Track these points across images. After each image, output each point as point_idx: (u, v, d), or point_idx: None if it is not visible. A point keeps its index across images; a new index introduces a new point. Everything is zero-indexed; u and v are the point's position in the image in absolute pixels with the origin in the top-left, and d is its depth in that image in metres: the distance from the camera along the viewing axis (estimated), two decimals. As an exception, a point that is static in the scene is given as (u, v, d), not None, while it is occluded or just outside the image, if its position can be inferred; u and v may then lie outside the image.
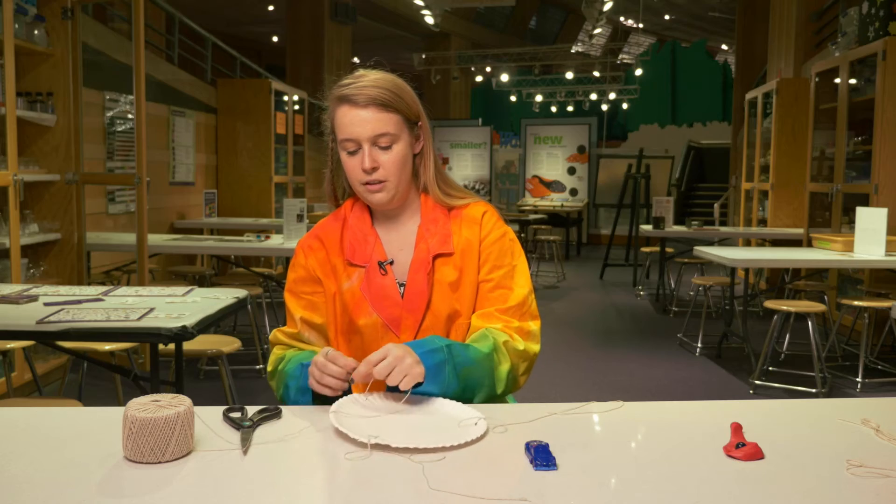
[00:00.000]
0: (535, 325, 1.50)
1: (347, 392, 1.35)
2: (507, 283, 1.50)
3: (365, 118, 1.42)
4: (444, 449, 1.12)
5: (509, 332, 1.46)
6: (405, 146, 1.47)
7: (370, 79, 1.44)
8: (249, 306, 3.12)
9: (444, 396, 1.33)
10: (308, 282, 1.54)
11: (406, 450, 1.11)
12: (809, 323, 4.23)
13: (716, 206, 10.74)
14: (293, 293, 1.55)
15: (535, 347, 1.49)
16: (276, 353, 1.53)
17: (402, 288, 1.50)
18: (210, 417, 1.24)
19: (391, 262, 1.51)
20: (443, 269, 1.50)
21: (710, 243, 7.05)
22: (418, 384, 1.30)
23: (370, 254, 1.51)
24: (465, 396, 1.35)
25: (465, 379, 1.35)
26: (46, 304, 2.35)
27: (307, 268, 1.54)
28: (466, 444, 1.14)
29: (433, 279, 1.49)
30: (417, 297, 1.47)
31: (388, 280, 1.49)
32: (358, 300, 1.49)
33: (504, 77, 16.05)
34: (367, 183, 1.46)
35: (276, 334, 1.55)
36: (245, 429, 1.19)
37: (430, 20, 12.46)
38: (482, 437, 1.18)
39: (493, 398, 1.42)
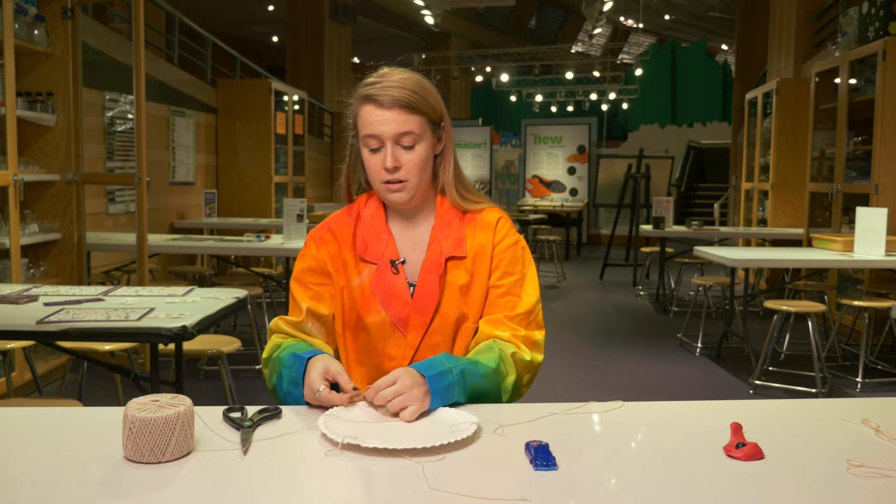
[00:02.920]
0: (540, 335, 1.51)
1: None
2: (516, 291, 1.51)
3: (389, 118, 1.42)
4: (414, 451, 1.10)
5: (516, 342, 1.46)
6: (427, 147, 1.47)
7: (395, 79, 1.44)
8: (249, 306, 3.12)
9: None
10: (316, 273, 1.53)
11: (376, 450, 1.10)
12: (809, 323, 4.23)
13: (716, 206, 10.74)
14: (300, 282, 1.54)
15: (539, 357, 1.49)
16: (274, 340, 1.51)
17: (412, 288, 1.50)
18: (210, 417, 1.24)
19: (403, 262, 1.52)
20: (454, 272, 1.50)
21: (710, 243, 7.04)
22: None
23: (383, 251, 1.51)
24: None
25: (472, 394, 1.36)
26: (46, 304, 2.35)
27: (318, 259, 1.54)
28: (435, 450, 1.12)
29: (444, 281, 1.49)
30: (427, 298, 1.48)
31: (399, 279, 1.49)
32: (367, 297, 1.50)
33: (504, 77, 16.06)
34: (388, 182, 1.46)
35: (277, 322, 1.53)
36: (245, 429, 1.19)
37: (430, 20, 12.45)
38: (457, 442, 1.14)
39: None
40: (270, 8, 15.55)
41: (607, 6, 11.31)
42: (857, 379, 4.43)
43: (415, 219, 1.55)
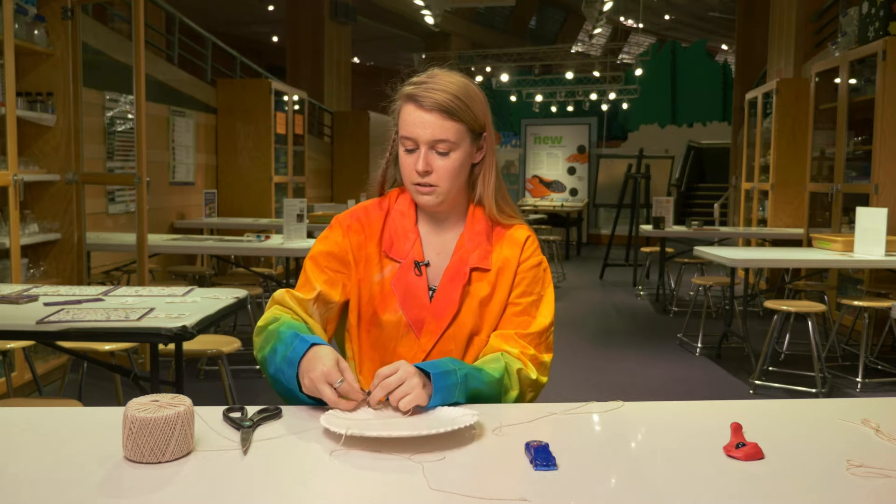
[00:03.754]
0: (547, 358, 1.51)
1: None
2: (531, 311, 1.51)
3: (427, 122, 1.42)
4: (418, 438, 1.11)
5: (524, 359, 1.46)
6: (463, 155, 1.46)
7: (441, 82, 1.44)
8: (249, 306, 3.13)
9: None
10: (336, 259, 1.52)
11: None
12: (809, 323, 4.23)
13: (716, 206, 10.73)
14: (317, 263, 1.52)
15: (544, 379, 1.50)
16: (273, 311, 1.46)
17: (431, 292, 1.50)
18: (210, 417, 1.23)
19: (427, 264, 1.51)
20: (477, 283, 1.50)
21: (710, 243, 7.05)
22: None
23: (408, 251, 1.51)
24: None
25: (472, 399, 1.35)
26: (46, 304, 2.35)
27: (341, 246, 1.52)
28: (437, 445, 1.12)
29: (467, 291, 1.49)
30: (446, 304, 1.48)
31: (420, 281, 1.49)
32: (386, 294, 1.49)
33: (504, 77, 16.04)
34: (418, 184, 1.46)
35: (283, 295, 1.48)
36: (245, 429, 1.19)
37: (430, 20, 12.44)
38: (462, 428, 1.16)
39: None
40: (270, 8, 15.55)
41: (607, 6, 11.30)
42: (857, 379, 4.43)
43: (444, 224, 1.55)
